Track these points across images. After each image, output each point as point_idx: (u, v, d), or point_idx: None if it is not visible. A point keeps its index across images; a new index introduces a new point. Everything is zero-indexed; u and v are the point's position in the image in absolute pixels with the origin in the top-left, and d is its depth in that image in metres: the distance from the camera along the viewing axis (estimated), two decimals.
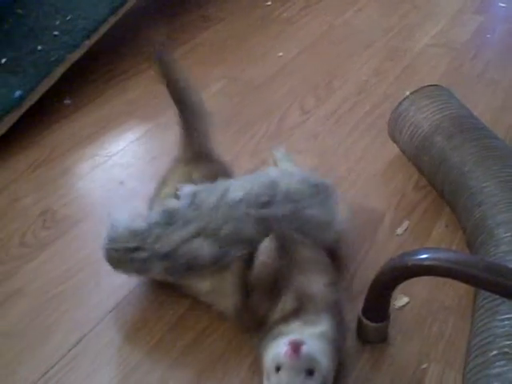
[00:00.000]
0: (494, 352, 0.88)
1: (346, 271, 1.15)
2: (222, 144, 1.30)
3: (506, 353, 0.87)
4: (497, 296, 0.95)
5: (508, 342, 0.88)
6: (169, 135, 1.58)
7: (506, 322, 0.91)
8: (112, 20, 1.82)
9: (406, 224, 1.26)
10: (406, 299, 1.08)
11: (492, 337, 0.91)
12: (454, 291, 1.09)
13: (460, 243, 1.21)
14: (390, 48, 2.01)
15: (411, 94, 1.38)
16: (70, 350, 1.03)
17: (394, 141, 1.43)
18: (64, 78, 1.68)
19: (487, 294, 0.98)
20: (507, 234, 1.05)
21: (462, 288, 1.08)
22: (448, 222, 1.26)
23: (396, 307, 1.07)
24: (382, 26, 2.16)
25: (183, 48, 2.03)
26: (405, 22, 2.18)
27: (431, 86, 1.39)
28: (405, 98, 1.38)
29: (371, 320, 0.99)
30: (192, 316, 1.09)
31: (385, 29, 2.14)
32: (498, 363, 0.86)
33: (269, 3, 2.35)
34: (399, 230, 1.25)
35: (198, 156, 1.21)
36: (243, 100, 1.73)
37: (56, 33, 1.72)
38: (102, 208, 1.36)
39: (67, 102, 1.74)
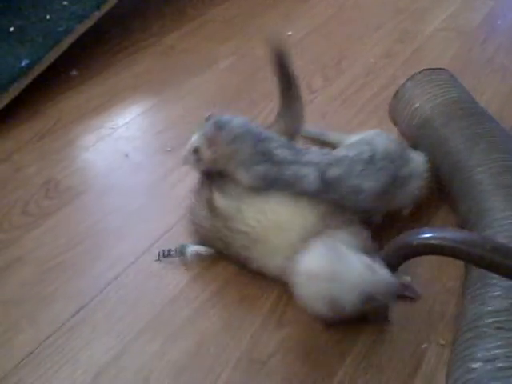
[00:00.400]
0: (471, 334, 0.89)
1: None
2: None
3: (481, 333, 0.88)
4: (478, 280, 0.96)
5: (482, 322, 0.89)
6: (174, 110, 1.59)
7: (485, 303, 0.92)
8: None
9: None
10: (407, 278, 1.07)
11: (470, 318, 0.92)
12: (456, 272, 1.08)
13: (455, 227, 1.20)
14: (400, 30, 1.98)
15: (410, 78, 1.38)
16: (68, 320, 1.04)
17: (395, 123, 1.42)
18: (72, 49, 1.67)
19: (471, 278, 0.99)
20: (494, 218, 1.05)
21: (464, 269, 1.07)
22: (443, 204, 1.25)
23: None
24: (392, 9, 2.13)
25: (192, 24, 2.02)
26: (416, 5, 2.15)
27: (429, 69, 1.38)
28: (407, 81, 1.38)
29: None
30: (193, 288, 1.09)
31: (395, 11, 2.11)
32: (473, 344, 0.87)
33: None
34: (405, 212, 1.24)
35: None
36: (251, 77, 1.71)
37: (65, 3, 1.71)
38: (105, 180, 1.36)
39: (74, 73, 1.73)
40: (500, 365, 0.82)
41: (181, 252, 1.13)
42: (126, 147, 1.45)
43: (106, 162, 1.42)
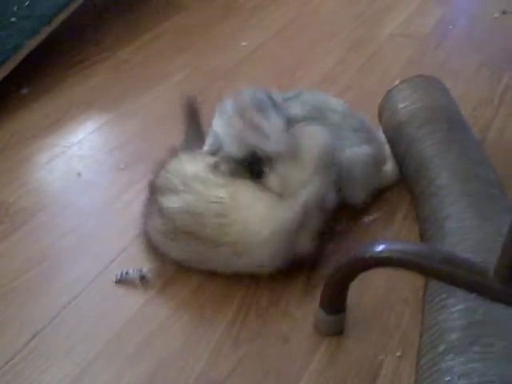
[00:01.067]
0: (443, 347, 0.89)
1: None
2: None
3: (454, 346, 0.88)
4: (444, 290, 0.96)
5: (455, 336, 0.89)
6: (128, 126, 1.58)
7: (455, 315, 0.92)
8: (73, 6, 1.78)
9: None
10: None
11: (441, 331, 0.91)
12: (411, 284, 1.09)
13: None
14: (355, 37, 2.00)
15: (404, 80, 1.41)
16: (24, 346, 1.01)
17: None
18: (21, 66, 1.64)
19: (435, 288, 0.99)
20: (453, 226, 1.06)
21: (419, 280, 1.08)
22: (407, 212, 1.26)
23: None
24: (348, 16, 2.16)
25: (147, 36, 2.00)
26: (370, 12, 2.18)
27: (424, 76, 1.42)
28: (400, 82, 1.41)
29: (328, 312, 0.99)
30: (150, 308, 1.08)
31: (351, 18, 2.13)
32: (447, 357, 0.87)
33: None
34: (367, 219, 1.25)
35: None
36: (206, 89, 1.70)
37: (13, 19, 1.68)
38: (59, 200, 1.34)
39: (24, 91, 1.70)
40: (476, 380, 0.82)
41: (139, 272, 1.12)
42: (78, 166, 1.44)
43: (59, 182, 1.40)
